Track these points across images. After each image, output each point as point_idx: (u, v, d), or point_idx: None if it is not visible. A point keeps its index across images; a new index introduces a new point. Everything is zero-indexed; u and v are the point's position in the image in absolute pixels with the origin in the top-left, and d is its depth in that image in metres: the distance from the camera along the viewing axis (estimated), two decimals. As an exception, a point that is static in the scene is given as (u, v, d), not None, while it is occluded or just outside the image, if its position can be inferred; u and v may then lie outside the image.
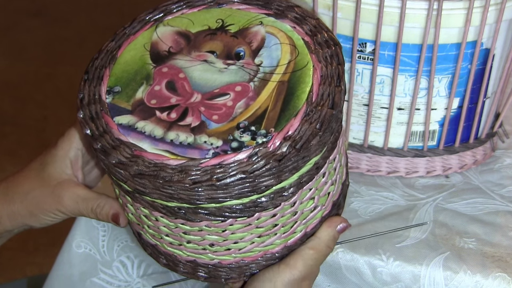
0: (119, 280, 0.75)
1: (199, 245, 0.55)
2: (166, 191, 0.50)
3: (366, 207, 0.74)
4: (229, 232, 0.54)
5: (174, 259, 0.58)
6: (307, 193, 0.54)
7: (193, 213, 0.52)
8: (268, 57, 0.55)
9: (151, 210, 0.54)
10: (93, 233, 0.74)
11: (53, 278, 0.75)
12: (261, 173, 0.49)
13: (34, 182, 0.63)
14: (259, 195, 0.51)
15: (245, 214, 0.52)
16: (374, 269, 0.67)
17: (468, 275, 0.65)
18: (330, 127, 0.52)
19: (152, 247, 0.60)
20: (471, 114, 0.78)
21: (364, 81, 0.74)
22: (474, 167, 0.81)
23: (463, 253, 0.67)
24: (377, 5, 0.68)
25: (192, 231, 0.54)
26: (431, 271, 0.66)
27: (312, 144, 0.50)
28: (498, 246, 0.68)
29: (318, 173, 0.54)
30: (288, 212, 0.54)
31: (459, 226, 0.71)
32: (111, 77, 0.56)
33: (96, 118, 0.53)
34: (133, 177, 0.50)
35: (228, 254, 0.56)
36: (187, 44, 0.57)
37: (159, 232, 0.56)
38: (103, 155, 0.51)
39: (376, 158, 0.79)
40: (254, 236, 0.55)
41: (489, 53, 0.73)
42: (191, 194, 0.49)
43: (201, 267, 0.58)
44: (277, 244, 0.56)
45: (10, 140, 2.26)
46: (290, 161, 0.50)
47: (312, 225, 0.58)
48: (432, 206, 0.74)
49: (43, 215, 0.63)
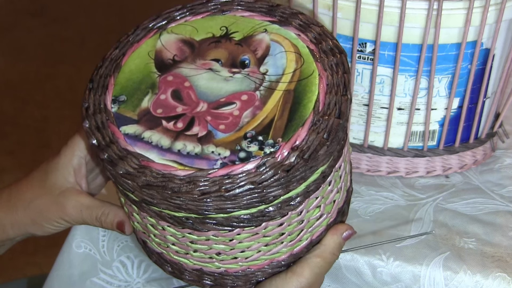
0: (119, 280, 0.75)
1: (206, 254, 0.55)
2: (174, 201, 0.49)
3: (366, 207, 0.74)
4: (236, 241, 0.54)
5: (180, 267, 0.58)
6: (313, 202, 0.54)
7: (201, 223, 0.52)
8: (273, 66, 0.55)
9: (158, 220, 0.54)
10: (93, 233, 0.74)
11: (53, 278, 0.75)
12: (269, 184, 0.49)
13: (37, 191, 0.63)
14: (267, 205, 0.51)
15: (252, 224, 0.52)
16: (374, 269, 0.67)
17: (468, 275, 0.65)
18: (337, 136, 0.52)
19: (157, 255, 0.60)
20: (471, 114, 0.78)
21: (364, 81, 0.74)
22: (474, 167, 0.81)
23: (463, 253, 0.67)
24: (377, 5, 0.68)
25: (199, 240, 0.54)
26: (431, 271, 0.66)
27: (320, 154, 0.50)
28: (498, 246, 0.68)
29: (325, 182, 0.54)
30: (294, 221, 0.54)
31: (459, 226, 0.71)
32: (116, 86, 0.55)
33: (102, 127, 0.53)
34: (141, 188, 0.49)
35: (235, 262, 0.56)
36: (192, 52, 0.57)
37: (166, 241, 0.56)
38: (110, 166, 0.51)
39: (376, 158, 0.79)
40: (261, 245, 0.55)
41: (489, 53, 0.73)
42: (200, 205, 0.49)
43: (207, 275, 0.58)
44: (283, 252, 0.56)
45: (10, 140, 2.26)
46: (298, 171, 0.49)
47: (318, 233, 0.58)
48: (432, 206, 0.74)
49: (46, 223, 0.62)
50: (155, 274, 0.76)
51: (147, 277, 0.76)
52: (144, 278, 0.76)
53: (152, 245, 0.59)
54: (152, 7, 3.28)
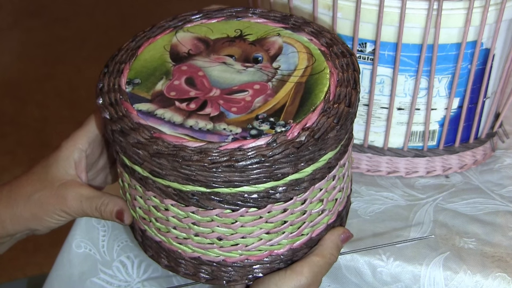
0: (119, 280, 0.75)
1: (207, 238, 0.55)
2: (184, 171, 0.50)
3: (366, 207, 0.74)
4: (239, 224, 0.54)
5: (177, 256, 0.58)
6: (317, 193, 0.56)
7: (207, 200, 0.53)
8: (285, 62, 0.58)
9: (162, 198, 0.54)
10: (93, 233, 0.74)
11: (53, 278, 0.75)
12: (279, 158, 0.50)
13: (37, 184, 0.63)
14: (274, 183, 0.52)
15: (257, 204, 0.53)
16: (374, 269, 0.67)
17: (468, 275, 0.65)
18: (346, 125, 0.54)
19: (155, 244, 0.60)
20: (471, 114, 0.78)
21: (364, 81, 0.74)
22: (474, 167, 0.81)
23: (463, 253, 0.67)
24: (377, 5, 0.68)
25: (202, 221, 0.54)
26: (431, 271, 0.66)
27: (330, 136, 0.52)
28: (498, 246, 0.68)
29: (330, 174, 0.56)
30: (298, 209, 0.55)
31: (459, 226, 0.71)
32: (131, 71, 0.58)
33: (116, 104, 0.54)
34: (151, 156, 0.50)
35: (235, 250, 0.56)
36: (206, 48, 0.60)
37: (167, 224, 0.56)
38: (121, 137, 0.52)
39: (376, 158, 0.79)
40: (262, 232, 0.55)
41: (489, 53, 0.73)
42: (209, 175, 0.50)
43: (204, 265, 0.58)
44: (283, 244, 0.57)
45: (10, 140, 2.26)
46: (308, 150, 0.51)
47: (318, 231, 0.58)
48: (432, 206, 0.74)
49: (47, 216, 0.62)
50: (155, 274, 0.76)
51: (147, 277, 0.76)
52: (144, 278, 0.76)
53: (151, 233, 0.59)
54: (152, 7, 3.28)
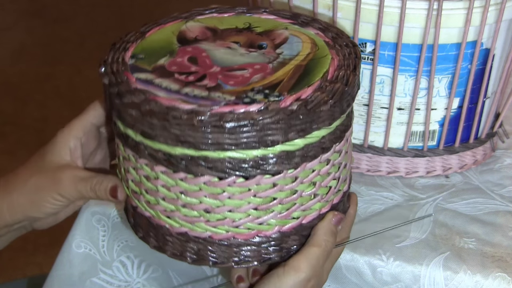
0: (119, 280, 0.75)
1: (194, 209, 0.56)
2: (173, 131, 0.52)
3: (366, 207, 0.74)
4: (226, 194, 0.54)
5: (165, 233, 0.58)
6: (309, 173, 0.56)
7: (195, 165, 0.53)
8: (289, 49, 0.60)
9: (153, 165, 0.55)
10: (93, 233, 0.74)
11: (53, 278, 0.75)
12: (269, 123, 0.51)
13: (33, 170, 0.63)
14: (264, 151, 0.53)
15: (246, 174, 0.54)
16: (374, 269, 0.67)
17: (468, 275, 0.65)
18: (341, 103, 0.54)
19: (145, 221, 0.60)
20: (471, 114, 0.78)
21: (364, 81, 0.74)
22: (474, 167, 0.81)
23: (463, 253, 0.67)
24: (377, 5, 0.68)
25: (189, 190, 0.55)
26: (431, 271, 0.66)
27: (322, 110, 0.53)
28: (498, 246, 0.68)
29: (323, 156, 0.56)
30: (288, 187, 0.55)
31: (459, 226, 0.71)
32: (136, 48, 0.60)
33: (117, 73, 0.56)
34: (143, 115, 0.52)
35: (222, 225, 0.56)
36: (213, 35, 0.62)
37: (156, 195, 0.57)
38: (117, 99, 0.54)
39: (376, 158, 0.79)
40: (250, 207, 0.55)
41: (489, 53, 0.73)
42: (198, 135, 0.51)
43: (191, 243, 0.58)
44: (272, 225, 0.57)
45: (10, 140, 2.26)
46: (299, 120, 0.52)
47: (310, 217, 0.58)
48: (432, 206, 0.74)
49: (43, 201, 0.62)
50: (155, 274, 0.76)
51: (147, 277, 0.76)
52: (144, 278, 0.76)
53: (142, 208, 0.59)
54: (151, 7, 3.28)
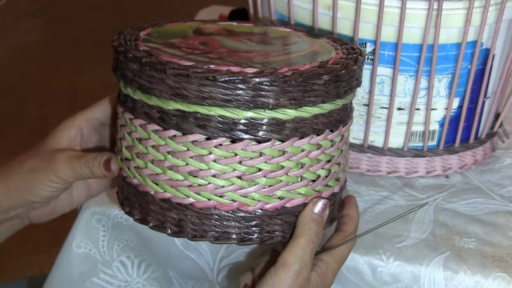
0: (119, 280, 0.75)
1: (179, 172, 0.57)
2: (169, 83, 0.54)
3: (366, 207, 0.74)
4: (213, 157, 0.55)
5: (149, 200, 0.59)
6: (298, 152, 0.57)
7: (186, 122, 0.55)
8: (296, 46, 0.63)
9: (146, 124, 0.57)
10: (93, 233, 0.74)
11: (53, 278, 0.75)
12: (262, 82, 0.53)
13: (31, 153, 0.64)
14: (255, 113, 0.54)
15: (233, 136, 0.55)
16: (374, 269, 0.67)
17: (468, 275, 0.65)
18: (337, 86, 0.56)
19: (132, 190, 0.61)
20: (471, 114, 0.78)
21: (364, 81, 0.74)
22: (474, 167, 0.81)
23: (463, 253, 0.67)
24: (377, 5, 0.68)
25: (177, 150, 0.56)
26: (431, 271, 0.66)
27: (316, 82, 0.54)
28: (498, 246, 0.68)
29: (315, 138, 0.57)
30: (274, 161, 0.56)
31: (459, 226, 0.71)
32: (153, 30, 0.63)
33: (128, 41, 0.60)
34: (143, 67, 0.54)
35: (204, 190, 0.57)
36: (228, 34, 0.65)
37: (146, 157, 0.58)
38: (123, 56, 0.57)
39: (376, 158, 0.79)
40: (235, 175, 0.56)
41: (489, 53, 0.73)
42: (191, 88, 0.53)
43: (173, 211, 0.58)
44: (255, 200, 0.57)
45: (10, 140, 2.26)
46: (291, 86, 0.53)
47: (295, 202, 0.58)
48: (432, 206, 0.74)
49: (39, 183, 0.63)
50: (155, 274, 0.76)
51: (147, 277, 0.76)
52: (144, 278, 0.76)
53: (131, 175, 0.61)
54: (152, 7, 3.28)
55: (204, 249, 0.72)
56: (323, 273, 0.58)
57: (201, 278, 0.74)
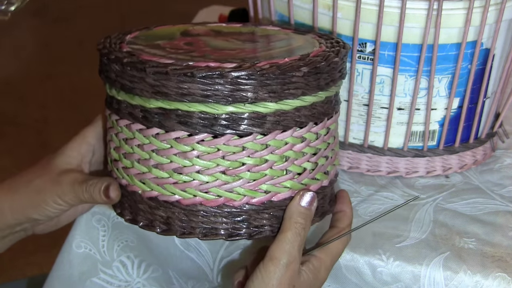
0: (119, 280, 0.75)
1: (164, 169, 0.57)
2: (149, 81, 0.54)
3: (366, 207, 0.74)
4: (196, 153, 0.56)
5: (137, 199, 0.60)
6: (281, 145, 0.57)
7: (168, 119, 0.56)
8: (280, 43, 0.63)
9: (130, 123, 0.58)
10: (93, 233, 0.74)
11: (53, 278, 0.75)
12: (239, 76, 0.53)
13: (38, 172, 0.64)
14: (235, 107, 0.54)
15: (215, 131, 0.55)
16: (374, 269, 0.67)
17: (468, 275, 0.65)
18: (317, 78, 0.57)
19: (122, 191, 0.61)
20: (471, 114, 0.78)
21: (364, 81, 0.74)
22: (474, 167, 0.81)
23: (463, 253, 0.67)
24: (377, 5, 0.68)
25: (161, 148, 0.57)
26: (431, 271, 0.66)
27: (295, 75, 0.55)
28: (498, 246, 0.68)
29: (298, 131, 0.57)
30: (257, 154, 0.56)
31: (459, 226, 0.71)
32: (140, 33, 0.64)
33: (113, 44, 0.60)
34: (124, 66, 0.55)
35: (189, 187, 0.57)
36: (216, 35, 0.66)
37: (132, 157, 0.59)
38: (106, 58, 0.57)
39: (376, 158, 0.79)
40: (219, 170, 0.56)
41: (489, 53, 0.73)
42: (170, 85, 0.54)
43: (161, 210, 0.59)
44: (240, 194, 0.57)
45: (10, 140, 2.26)
46: (270, 79, 0.54)
47: (281, 196, 0.58)
48: (432, 206, 0.74)
49: (44, 203, 0.63)
50: (155, 274, 0.76)
51: (147, 277, 0.76)
52: (144, 278, 0.76)
53: (120, 176, 0.61)
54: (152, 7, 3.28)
55: (204, 249, 0.72)
56: (316, 269, 0.59)
57: (201, 278, 0.74)
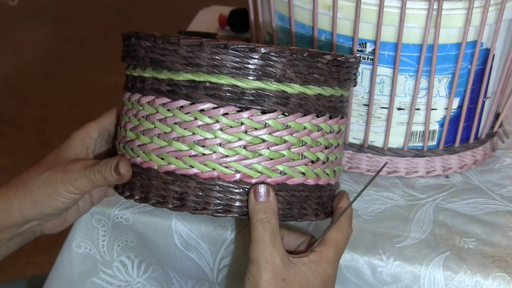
0: (119, 280, 0.75)
1: (186, 142, 0.58)
2: (182, 53, 0.58)
3: (366, 207, 0.74)
4: (219, 125, 0.58)
5: (151, 175, 0.60)
6: (300, 128, 0.59)
7: (195, 91, 0.58)
8: None
9: (155, 98, 0.60)
10: (93, 233, 0.74)
11: (53, 278, 0.75)
12: (270, 52, 0.57)
13: (46, 167, 0.65)
14: (262, 83, 0.57)
15: (240, 104, 0.58)
16: (374, 269, 0.67)
17: (468, 275, 0.65)
18: (339, 71, 0.60)
19: (134, 169, 0.62)
20: (471, 114, 0.78)
21: (364, 81, 0.74)
22: (474, 167, 0.81)
23: (463, 253, 0.67)
24: (377, 5, 0.68)
25: (185, 120, 0.58)
26: (431, 271, 0.66)
27: (320, 60, 0.58)
28: (498, 246, 0.68)
29: (316, 119, 0.60)
30: (277, 133, 0.58)
31: (459, 226, 0.71)
32: None
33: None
34: (156, 41, 0.58)
35: (209, 160, 0.58)
36: None
37: (151, 133, 0.60)
38: (134, 37, 0.61)
39: (376, 158, 0.79)
40: (240, 144, 0.58)
41: (489, 53, 0.73)
42: (202, 56, 0.57)
43: (176, 185, 0.59)
44: (258, 172, 0.59)
45: (10, 140, 2.26)
46: (298, 59, 0.57)
47: (294, 181, 0.60)
48: (432, 206, 0.74)
49: (56, 194, 0.63)
50: (155, 274, 0.76)
51: (147, 277, 0.76)
52: (144, 278, 0.76)
53: (133, 156, 0.62)
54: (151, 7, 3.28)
55: (204, 249, 0.72)
56: (313, 262, 0.59)
57: (201, 278, 0.74)
